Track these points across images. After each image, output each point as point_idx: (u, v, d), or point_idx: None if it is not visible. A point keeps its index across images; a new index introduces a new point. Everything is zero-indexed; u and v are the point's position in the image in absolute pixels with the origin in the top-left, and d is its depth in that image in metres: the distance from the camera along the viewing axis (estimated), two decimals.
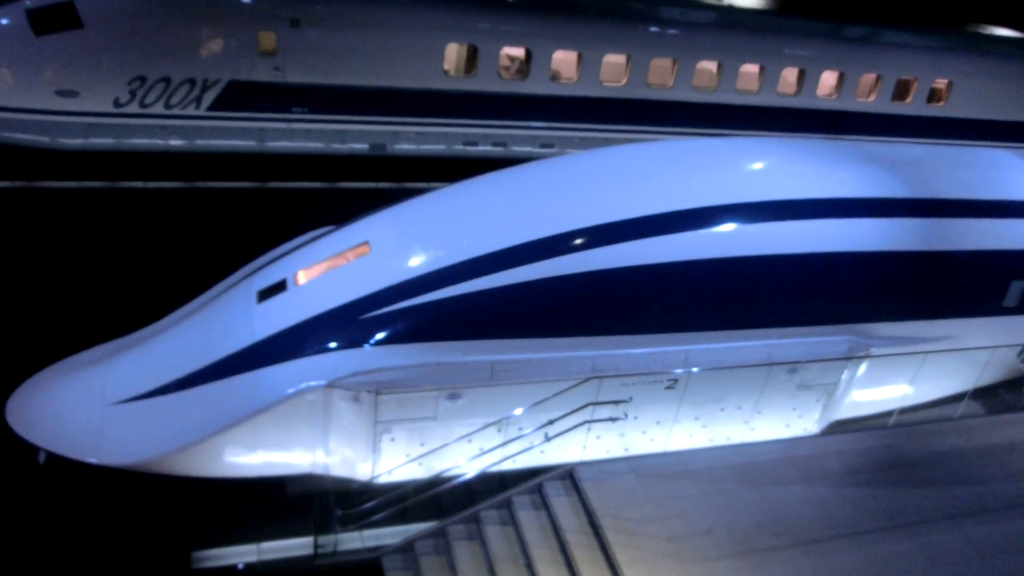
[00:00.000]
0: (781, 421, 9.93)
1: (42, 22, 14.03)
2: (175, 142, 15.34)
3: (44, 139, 14.70)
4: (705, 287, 9.06)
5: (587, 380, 8.62)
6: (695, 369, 8.96)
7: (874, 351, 9.69)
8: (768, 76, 18.43)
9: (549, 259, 8.67)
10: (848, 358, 9.57)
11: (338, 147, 16.31)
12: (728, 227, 9.19)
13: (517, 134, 17.30)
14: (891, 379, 10.34)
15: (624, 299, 8.84)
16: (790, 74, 18.96)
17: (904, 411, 10.64)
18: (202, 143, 15.50)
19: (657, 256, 8.85)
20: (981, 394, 11.34)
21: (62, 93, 14.34)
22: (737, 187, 9.58)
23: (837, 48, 19.06)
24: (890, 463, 9.70)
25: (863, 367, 9.79)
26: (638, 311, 8.90)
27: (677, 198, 9.27)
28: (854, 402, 10.29)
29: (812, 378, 9.59)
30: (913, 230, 9.89)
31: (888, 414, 10.58)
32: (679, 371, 8.94)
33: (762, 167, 10.16)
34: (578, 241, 8.77)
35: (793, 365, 9.37)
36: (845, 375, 9.71)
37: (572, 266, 8.65)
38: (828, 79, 19.37)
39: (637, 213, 9.05)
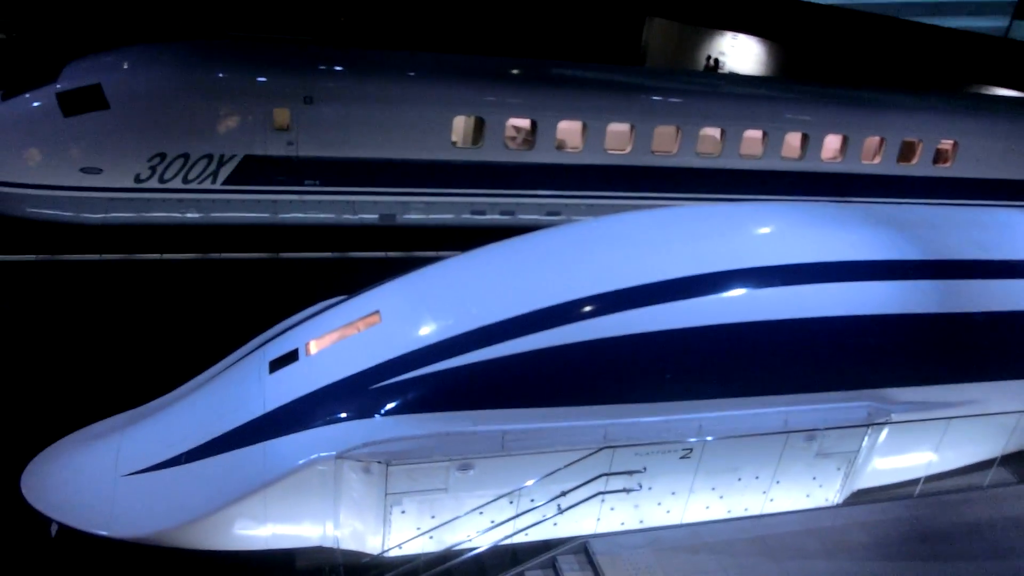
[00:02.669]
0: (801, 491, 9.71)
1: (71, 104, 14.58)
2: (192, 215, 15.66)
3: (68, 214, 15.08)
4: (718, 354, 8.97)
5: (600, 450, 8.50)
6: (710, 438, 8.83)
7: (895, 417, 9.50)
8: (772, 141, 18.67)
9: (559, 327, 8.65)
10: (868, 424, 9.38)
11: (349, 218, 16.57)
12: (740, 292, 9.16)
13: (524, 202, 17.52)
14: (915, 446, 10.09)
15: (636, 367, 8.78)
16: (794, 138, 19.20)
17: (930, 479, 10.35)
18: (218, 215, 15.81)
19: (668, 323, 8.80)
20: (1011, 461, 10.99)
21: (86, 170, 14.76)
22: (749, 251, 9.57)
23: (840, 112, 19.33)
24: (917, 535, 9.42)
25: (884, 434, 9.60)
26: (650, 379, 8.81)
27: (688, 264, 9.26)
28: (877, 470, 10.04)
29: (831, 446, 9.40)
30: (930, 292, 9.79)
31: (913, 483, 10.29)
32: (693, 440, 8.81)
33: (773, 231, 10.17)
34: (588, 309, 8.77)
35: (811, 432, 9.20)
36: (866, 442, 9.50)
37: (582, 334, 8.62)
38: (832, 142, 19.58)
39: (647, 280, 9.04)
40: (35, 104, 14.76)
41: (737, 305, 9.08)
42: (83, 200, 15.01)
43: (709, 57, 33.08)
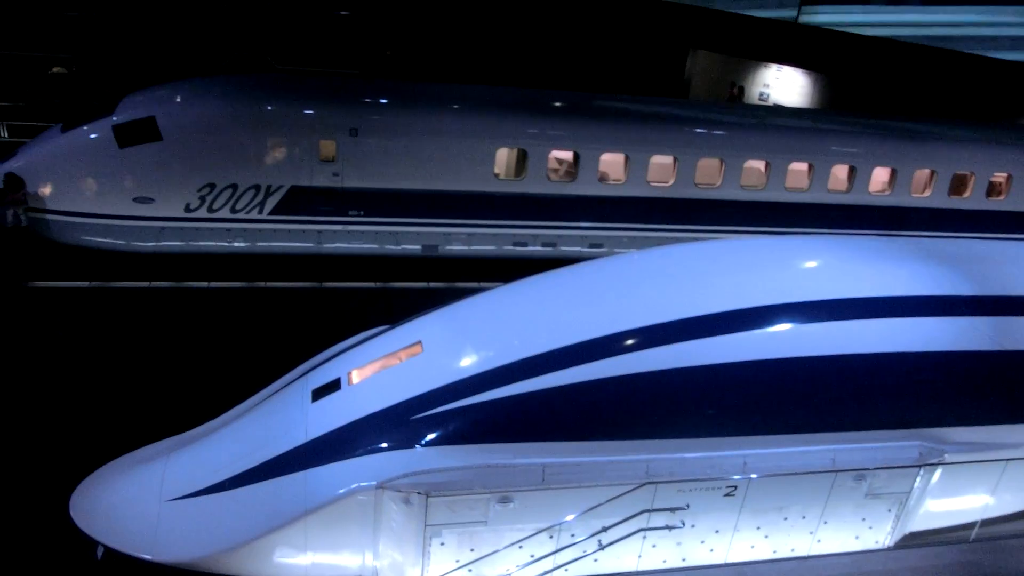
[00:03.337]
0: (850, 532, 9.42)
1: (126, 136, 15.08)
2: (239, 244, 15.98)
3: (120, 243, 15.52)
4: (764, 389, 8.79)
5: (642, 485, 8.37)
6: (754, 475, 8.63)
7: (948, 458, 9.19)
8: (818, 173, 18.43)
9: (602, 360, 8.56)
10: (920, 465, 9.09)
11: (392, 248, 16.74)
12: (787, 327, 8.99)
13: (566, 234, 17.52)
14: (970, 488, 9.71)
15: (680, 401, 8.63)
16: (840, 171, 18.94)
17: (987, 523, 9.92)
18: (263, 245, 16.11)
19: (713, 357, 8.66)
20: None
21: (139, 200, 15.21)
22: (796, 285, 9.41)
23: (888, 144, 19.04)
24: None
25: (937, 475, 9.29)
26: (694, 414, 8.66)
27: (733, 298, 9.11)
28: (930, 512, 9.69)
29: (882, 486, 9.11)
30: (984, 328, 9.49)
31: (969, 526, 9.88)
32: (738, 477, 8.62)
33: (820, 264, 9.99)
34: (631, 342, 8.67)
35: (860, 472, 8.93)
36: (918, 483, 9.20)
37: (625, 367, 8.52)
38: (880, 175, 19.26)
39: (692, 313, 8.92)
40: (92, 136, 15.28)
41: (784, 340, 8.91)
42: (135, 229, 15.43)
43: (733, 84, 32.89)
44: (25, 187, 14.91)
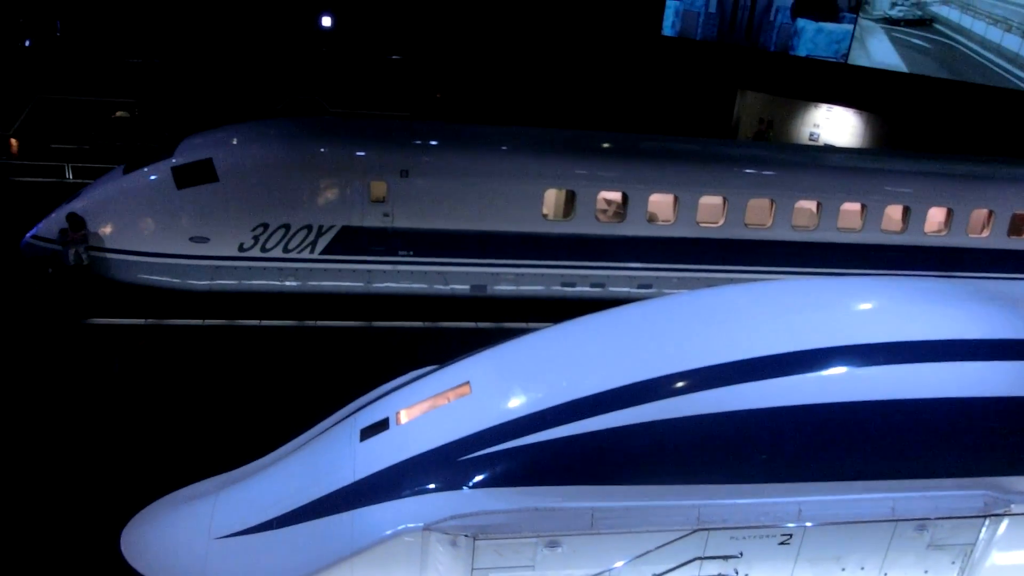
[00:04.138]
0: None
1: (184, 177, 15.55)
2: (290, 283, 16.23)
3: (175, 281, 15.89)
4: (821, 434, 8.53)
5: (693, 532, 8.15)
6: (810, 523, 8.35)
7: (1015, 508, 8.79)
8: (871, 214, 18.12)
9: (653, 402, 8.41)
10: (985, 515, 8.70)
11: (440, 288, 16.83)
12: (844, 370, 8.74)
13: (615, 275, 17.44)
14: None
15: (732, 445, 8.42)
16: (894, 211, 18.60)
17: None
18: (314, 284, 16.34)
19: (768, 401, 8.45)
20: None
21: (195, 239, 15.60)
22: (853, 327, 9.16)
23: (943, 184, 18.67)
24: None
25: (1004, 526, 8.88)
26: (747, 458, 8.43)
27: (789, 340, 8.91)
28: (996, 566, 9.23)
29: (944, 537, 8.73)
30: None
31: None
32: (793, 525, 8.34)
33: (878, 306, 9.73)
34: (682, 384, 8.52)
35: (921, 522, 8.58)
36: (983, 535, 8.79)
37: (676, 410, 8.36)
38: (936, 215, 18.86)
39: (746, 355, 8.73)
40: (152, 177, 15.78)
41: (841, 384, 8.65)
42: (190, 268, 15.80)
43: (762, 120, 32.59)
44: (86, 227, 15.40)
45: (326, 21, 35.31)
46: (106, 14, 34.94)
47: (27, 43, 28.71)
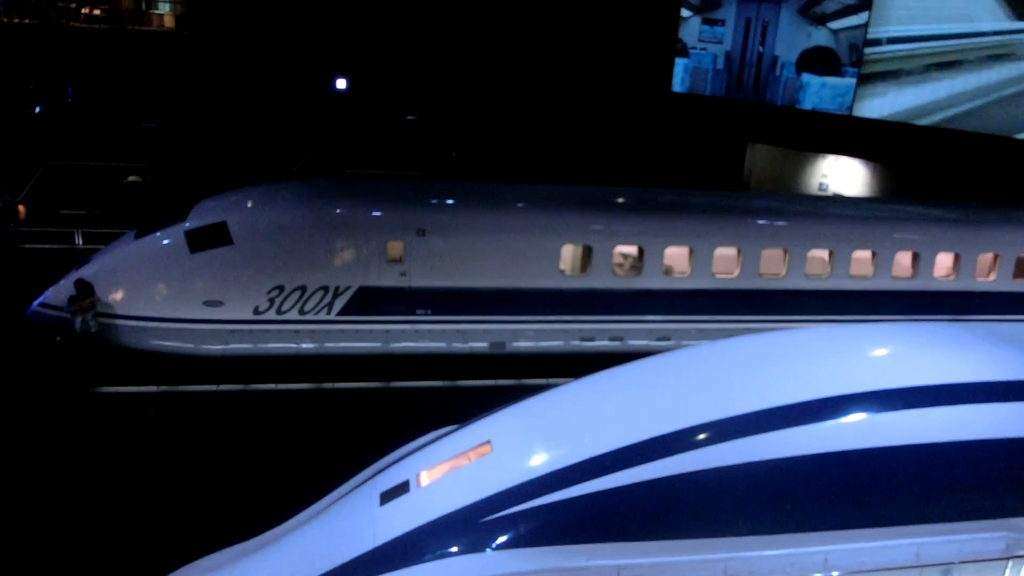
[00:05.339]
0: None
1: (198, 241, 15.55)
2: (306, 345, 16.11)
3: (188, 346, 15.74)
4: (845, 481, 8.33)
5: None
6: (836, 573, 8.08)
7: None
8: (881, 260, 18.28)
9: (675, 455, 8.23)
10: (1008, 557, 8.42)
11: (459, 346, 16.69)
12: (864, 416, 8.58)
13: (633, 328, 17.30)
14: None
15: (756, 497, 8.21)
16: (904, 257, 18.70)
17: None
18: (331, 346, 16.21)
19: (789, 450, 8.26)
20: None
21: (209, 303, 15.50)
22: (873, 373, 9.03)
23: (950, 229, 18.97)
24: None
25: None
26: (772, 509, 8.21)
27: (808, 388, 8.77)
28: None
29: None
30: None
31: None
32: (819, 574, 8.07)
33: (895, 351, 9.60)
34: (705, 436, 8.34)
35: (946, 566, 8.31)
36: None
37: (700, 462, 8.17)
38: (944, 260, 19.08)
39: (765, 405, 8.58)
40: (165, 241, 15.81)
41: (861, 431, 8.49)
42: (204, 332, 15.69)
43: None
44: (94, 293, 15.26)
45: (341, 83, 35.99)
46: (119, 80, 35.59)
47: (37, 109, 29.17)
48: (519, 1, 38.67)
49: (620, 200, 18.07)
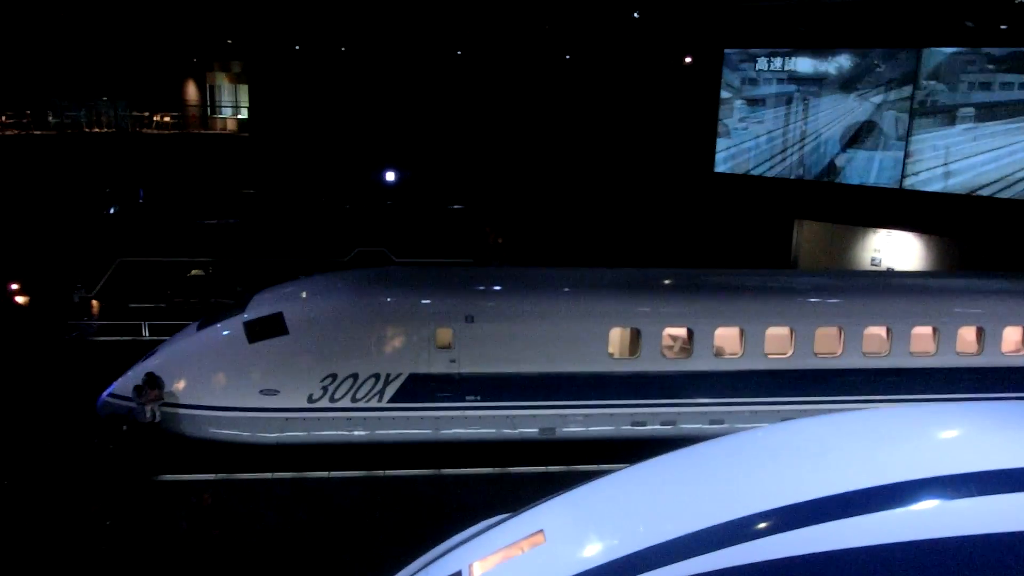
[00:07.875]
0: None
1: (256, 331, 16.01)
2: (358, 433, 16.23)
3: (245, 434, 16.03)
4: (916, 571, 7.99)
5: None
6: None
7: None
8: (943, 337, 17.66)
9: (736, 545, 7.99)
10: None
11: (509, 432, 16.63)
12: (935, 504, 8.25)
13: (685, 412, 17.03)
14: None
15: None
16: (968, 333, 18.07)
17: None
18: (382, 433, 16.31)
19: (856, 540, 7.95)
20: None
21: (265, 392, 15.82)
22: (945, 457, 8.71)
23: (1014, 302, 18.28)
24: None
25: None
26: None
27: (874, 473, 8.47)
28: None
29: None
30: None
31: None
32: None
33: (968, 433, 9.24)
34: (765, 524, 8.10)
35: None
36: None
37: (760, 553, 7.92)
38: (1012, 335, 18.28)
39: (829, 492, 8.31)
40: (224, 332, 16.30)
41: (933, 518, 8.15)
42: (260, 420, 15.96)
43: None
44: (162, 386, 15.74)
45: (390, 176, 37.30)
46: (185, 180, 37.58)
47: (111, 211, 30.67)
48: (556, 91, 39.96)
49: (667, 281, 18.09)
